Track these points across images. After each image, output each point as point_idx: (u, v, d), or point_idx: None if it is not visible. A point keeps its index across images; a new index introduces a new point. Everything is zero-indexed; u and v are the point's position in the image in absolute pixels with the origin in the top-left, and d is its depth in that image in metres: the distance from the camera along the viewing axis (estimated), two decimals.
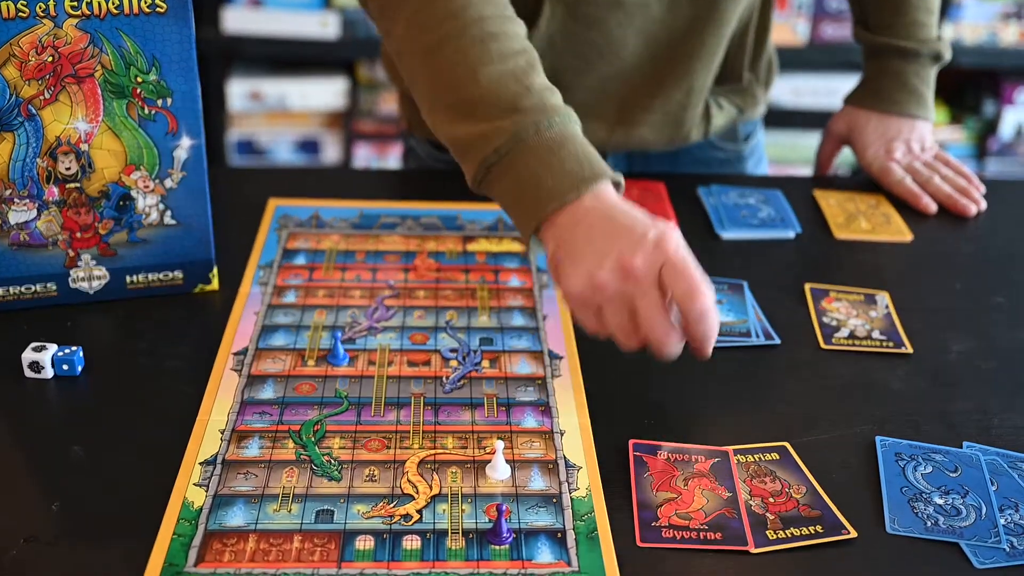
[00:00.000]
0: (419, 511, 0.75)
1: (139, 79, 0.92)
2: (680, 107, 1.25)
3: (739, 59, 1.29)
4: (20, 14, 0.88)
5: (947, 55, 1.30)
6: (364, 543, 0.72)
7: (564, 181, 0.88)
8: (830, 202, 1.25)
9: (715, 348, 0.95)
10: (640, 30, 1.19)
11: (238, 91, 2.75)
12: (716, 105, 1.29)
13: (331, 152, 2.87)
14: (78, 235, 0.96)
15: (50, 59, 0.89)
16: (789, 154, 2.73)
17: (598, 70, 1.21)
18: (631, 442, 0.82)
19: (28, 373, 0.87)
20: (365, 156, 2.86)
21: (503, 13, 0.96)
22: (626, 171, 1.34)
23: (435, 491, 0.77)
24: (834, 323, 1.00)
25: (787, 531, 0.75)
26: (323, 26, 2.66)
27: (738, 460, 0.82)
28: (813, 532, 0.75)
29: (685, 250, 0.84)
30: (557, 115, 0.91)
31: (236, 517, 0.74)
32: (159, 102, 0.93)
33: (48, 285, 0.96)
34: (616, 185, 0.91)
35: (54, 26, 0.89)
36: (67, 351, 0.88)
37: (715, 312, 0.83)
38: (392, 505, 0.75)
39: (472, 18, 0.93)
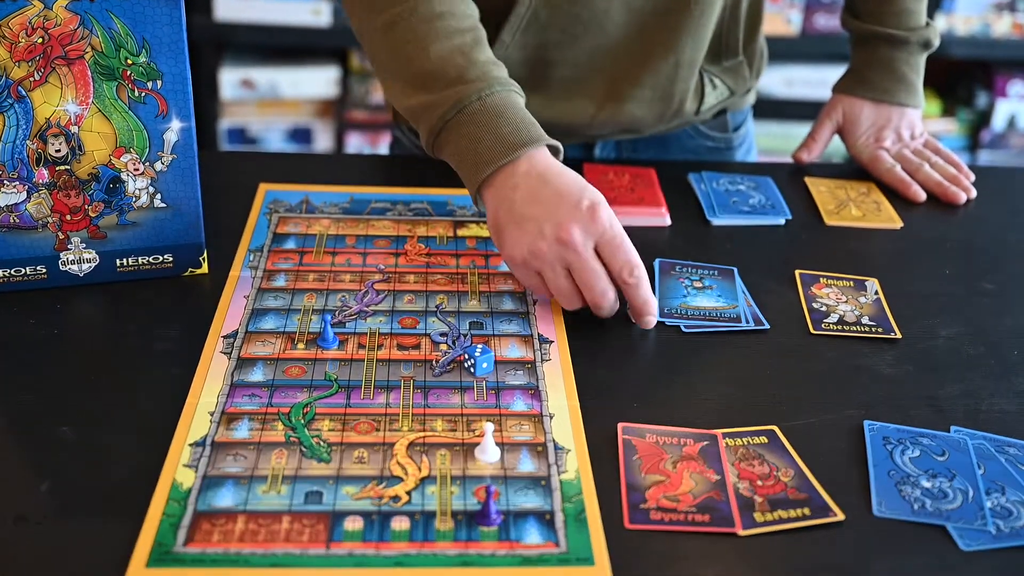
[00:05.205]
0: (408, 493, 0.75)
1: (129, 61, 0.92)
2: (668, 81, 1.24)
3: (733, 33, 1.28)
4: None
5: (936, 42, 1.30)
6: (353, 524, 0.72)
7: (500, 145, 0.96)
8: (820, 189, 1.26)
9: (705, 333, 0.95)
10: (624, 3, 1.18)
11: (230, 79, 2.74)
12: (711, 83, 1.29)
13: (323, 141, 2.86)
14: (68, 218, 0.95)
15: (40, 40, 0.89)
16: (781, 144, 2.73)
17: (584, 44, 1.20)
18: (620, 425, 0.83)
19: None
20: (357, 145, 2.86)
21: None
22: (615, 158, 1.34)
23: (424, 473, 0.77)
24: (823, 308, 1.01)
25: (775, 514, 0.75)
26: (315, 14, 2.65)
27: (727, 443, 0.82)
28: (801, 515, 0.75)
29: (616, 223, 0.93)
30: (498, 85, 0.99)
31: (225, 498, 0.74)
32: (149, 84, 0.93)
33: (38, 268, 0.96)
34: (555, 151, 0.99)
35: (44, 7, 0.88)
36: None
37: (647, 279, 0.94)
38: (381, 487, 0.75)
39: None
